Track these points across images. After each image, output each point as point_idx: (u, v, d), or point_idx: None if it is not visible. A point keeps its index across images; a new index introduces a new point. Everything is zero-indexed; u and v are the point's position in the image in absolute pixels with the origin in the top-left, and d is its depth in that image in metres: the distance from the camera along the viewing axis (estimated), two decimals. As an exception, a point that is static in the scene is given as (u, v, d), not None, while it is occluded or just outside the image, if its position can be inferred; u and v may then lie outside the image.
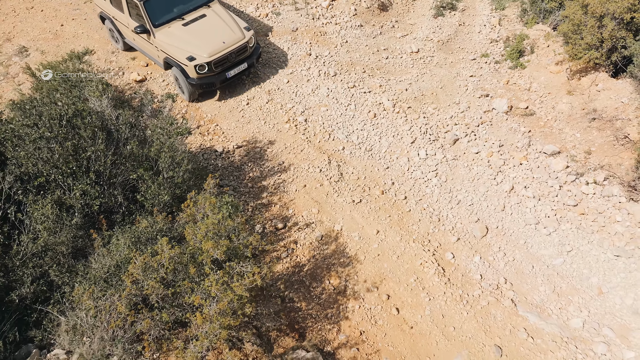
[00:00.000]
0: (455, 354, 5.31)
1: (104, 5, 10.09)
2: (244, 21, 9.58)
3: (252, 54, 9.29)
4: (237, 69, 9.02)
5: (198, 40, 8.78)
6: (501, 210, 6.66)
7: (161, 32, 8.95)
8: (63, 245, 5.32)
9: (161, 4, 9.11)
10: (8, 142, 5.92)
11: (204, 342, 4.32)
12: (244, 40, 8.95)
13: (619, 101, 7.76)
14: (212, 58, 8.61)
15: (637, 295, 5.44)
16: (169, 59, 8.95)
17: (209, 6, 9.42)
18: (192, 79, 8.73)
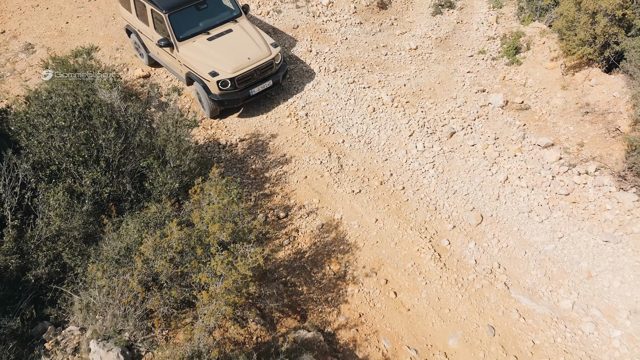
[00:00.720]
0: (450, 333, 5.59)
1: (130, 19, 10.00)
2: (271, 37, 9.47)
3: (278, 71, 9.05)
4: (262, 86, 8.78)
5: (222, 55, 8.56)
6: (496, 200, 6.95)
7: (185, 46, 8.77)
8: (75, 231, 5.60)
9: (187, 18, 8.96)
10: (22, 131, 6.20)
11: (211, 319, 4.61)
12: (269, 56, 8.70)
13: (611, 95, 8.06)
14: (235, 74, 8.39)
15: (624, 278, 5.72)
16: (192, 74, 8.76)
17: (236, 21, 9.25)
18: (214, 95, 8.51)
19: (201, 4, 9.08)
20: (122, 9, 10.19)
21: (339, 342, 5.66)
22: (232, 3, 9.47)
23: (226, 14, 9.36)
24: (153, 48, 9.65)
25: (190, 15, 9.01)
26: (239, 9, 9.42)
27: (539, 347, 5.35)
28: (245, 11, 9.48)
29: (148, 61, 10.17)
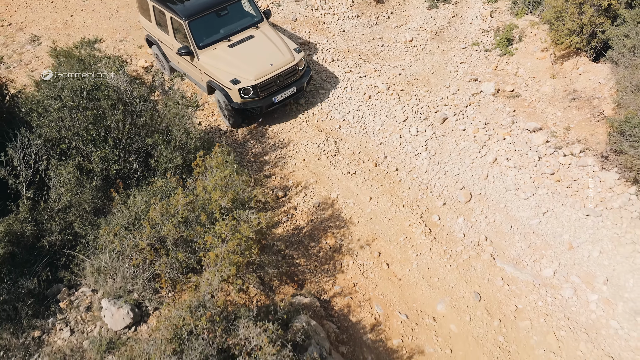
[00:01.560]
0: (439, 300, 6.03)
1: (150, 28, 9.96)
2: (294, 42, 9.37)
3: (302, 77, 8.91)
4: (285, 93, 8.65)
5: (244, 62, 8.43)
6: (484, 179, 7.40)
7: (205, 54, 8.68)
8: (85, 203, 6.03)
9: (207, 25, 8.85)
10: (34, 112, 6.64)
11: (215, 278, 5.04)
12: (293, 62, 8.58)
13: (596, 82, 8.51)
14: (258, 81, 8.28)
15: (602, 249, 6.16)
16: (212, 82, 8.68)
17: (258, 27, 9.17)
18: (236, 104, 8.41)
19: (222, 11, 8.98)
20: (142, 19, 10.18)
21: (334, 308, 6.09)
22: (254, 9, 9.42)
23: (247, 20, 9.26)
24: (173, 57, 9.56)
25: (210, 22, 8.90)
26: (261, 15, 9.36)
27: (521, 311, 5.78)
28: (267, 16, 9.41)
29: (169, 71, 10.14)
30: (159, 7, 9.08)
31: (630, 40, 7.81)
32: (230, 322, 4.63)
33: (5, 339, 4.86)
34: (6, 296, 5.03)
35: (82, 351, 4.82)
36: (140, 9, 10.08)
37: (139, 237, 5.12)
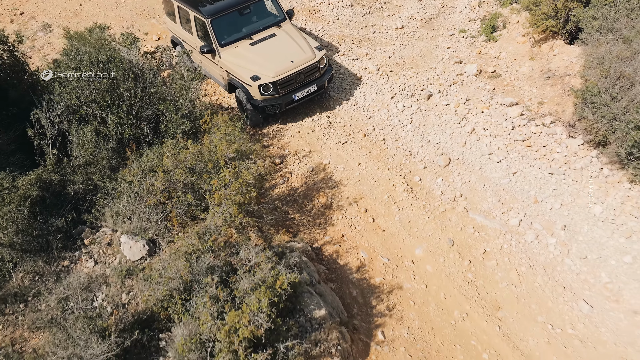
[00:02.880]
0: (417, 246, 6.97)
1: (174, 29, 10.41)
2: (315, 40, 9.66)
3: (323, 75, 9.13)
4: (306, 90, 8.87)
5: (264, 59, 8.70)
6: (462, 146, 8.35)
7: (227, 52, 8.96)
8: (103, 160, 6.98)
9: (229, 23, 9.15)
10: (56, 82, 7.60)
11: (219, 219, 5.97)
12: (314, 60, 8.79)
13: (569, 61, 9.49)
14: (278, 78, 8.51)
15: (563, 202, 7.10)
16: (233, 80, 8.96)
17: (280, 26, 9.44)
18: (256, 101, 8.67)
19: (244, 9, 9.30)
20: (167, 21, 10.69)
21: (324, 253, 7.04)
22: (277, 8, 9.74)
23: (270, 19, 9.58)
24: (196, 57, 9.92)
25: (232, 20, 9.21)
26: (283, 14, 9.68)
27: (488, 253, 6.72)
28: (290, 16, 9.73)
29: None
30: (184, 7, 9.54)
31: (597, 22, 8.78)
32: (233, 248, 5.57)
33: (39, 266, 5.80)
34: (39, 231, 5.97)
35: (105, 277, 5.76)
36: (165, 10, 10.62)
37: (154, 179, 6.07)
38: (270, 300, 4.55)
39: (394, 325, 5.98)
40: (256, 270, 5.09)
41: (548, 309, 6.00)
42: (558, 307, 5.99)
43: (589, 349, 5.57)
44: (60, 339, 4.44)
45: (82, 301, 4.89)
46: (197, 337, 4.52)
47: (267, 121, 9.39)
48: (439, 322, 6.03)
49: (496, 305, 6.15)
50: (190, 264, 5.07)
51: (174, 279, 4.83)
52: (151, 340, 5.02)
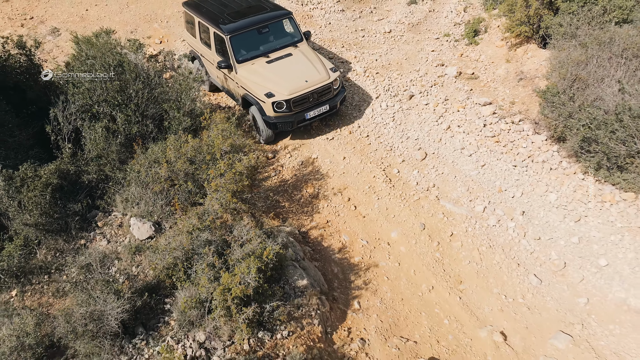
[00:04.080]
0: (393, 230, 7.97)
1: (193, 44, 11.04)
2: (330, 62, 10.18)
3: (336, 95, 9.54)
4: (318, 110, 9.29)
5: (279, 77, 9.11)
6: (438, 142, 9.37)
7: (243, 68, 9.40)
8: (113, 154, 8.00)
9: (247, 41, 9.63)
10: (70, 84, 8.63)
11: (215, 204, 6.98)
12: (327, 80, 9.21)
13: (539, 64, 10.50)
14: (291, 96, 8.92)
15: (523, 190, 8.10)
16: (248, 96, 9.37)
17: (297, 46, 9.95)
18: (269, 117, 9.09)
19: (263, 28, 9.82)
20: (186, 35, 11.37)
21: (310, 237, 8.05)
22: (294, 28, 10.26)
23: (287, 39, 10.09)
24: (213, 72, 10.51)
25: (251, 38, 9.69)
26: (301, 35, 10.18)
27: (455, 235, 7.73)
28: (307, 37, 10.22)
29: (209, 87, 11.28)
30: (204, 22, 10.15)
31: (562, 28, 9.80)
32: (228, 228, 6.59)
33: (60, 244, 6.83)
34: (59, 214, 6.99)
35: (117, 253, 6.77)
36: (186, 26, 11.31)
37: (159, 169, 7.09)
38: (258, 267, 5.55)
39: (369, 297, 6.99)
40: (247, 244, 6.10)
41: (503, 282, 7.01)
42: (512, 281, 7.00)
43: (535, 314, 6.58)
44: (83, 299, 5.45)
45: (101, 267, 5.91)
46: (197, 297, 5.54)
47: (278, 137, 9.95)
48: (409, 294, 7.04)
49: (459, 279, 7.16)
50: (191, 238, 6.08)
51: (177, 249, 5.84)
52: (158, 303, 6.03)
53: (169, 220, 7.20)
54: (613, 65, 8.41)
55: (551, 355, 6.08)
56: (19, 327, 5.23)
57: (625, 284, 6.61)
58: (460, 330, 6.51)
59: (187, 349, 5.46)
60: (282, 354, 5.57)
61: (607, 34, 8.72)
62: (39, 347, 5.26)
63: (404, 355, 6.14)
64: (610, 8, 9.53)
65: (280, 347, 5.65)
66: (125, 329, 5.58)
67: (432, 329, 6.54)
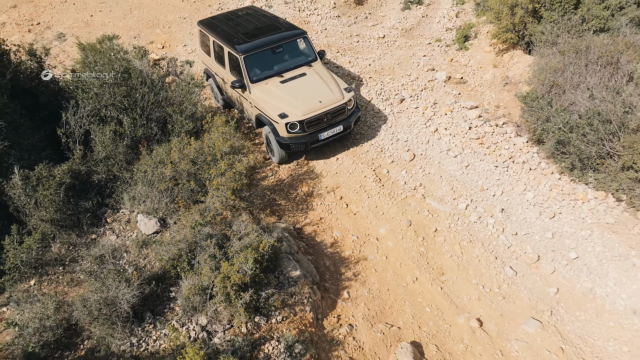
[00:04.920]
0: (381, 226, 8.65)
1: (208, 62, 11.32)
2: (344, 82, 10.31)
3: (350, 116, 9.64)
4: (332, 130, 9.38)
5: (293, 98, 9.19)
6: (426, 143, 10.05)
7: (257, 88, 9.53)
8: (120, 155, 8.68)
9: (261, 60, 9.78)
10: (79, 89, 9.32)
11: (216, 201, 7.66)
12: (341, 101, 9.30)
13: (523, 69, 11.18)
14: (305, 117, 8.99)
15: (503, 189, 8.78)
16: (261, 116, 9.46)
17: (311, 65, 10.06)
18: (282, 138, 9.14)
19: (277, 48, 9.98)
20: (201, 53, 11.68)
21: (304, 232, 8.73)
22: (308, 48, 10.38)
23: (301, 59, 10.19)
24: (228, 90, 10.74)
25: (265, 58, 9.83)
26: (315, 54, 10.32)
27: (439, 231, 8.41)
28: (321, 56, 10.39)
29: (223, 104, 11.59)
30: (219, 42, 10.39)
31: (544, 36, 10.48)
32: (228, 224, 7.28)
33: (73, 238, 7.51)
34: (72, 211, 7.68)
35: (125, 246, 7.46)
36: (201, 44, 11.63)
37: (164, 169, 7.77)
38: (254, 258, 6.23)
39: (358, 287, 7.67)
40: (245, 238, 6.78)
41: (481, 274, 7.69)
42: (489, 272, 7.67)
43: (509, 303, 7.25)
44: (97, 286, 6.14)
45: (113, 258, 6.60)
46: (200, 285, 6.22)
47: (292, 158, 10.08)
48: (394, 284, 7.71)
49: (441, 271, 7.84)
50: (194, 232, 6.77)
51: (181, 242, 6.53)
52: (164, 291, 6.72)
53: (173, 216, 7.88)
54: (589, 72, 9.09)
55: (522, 339, 6.76)
56: (40, 311, 5.92)
57: (592, 275, 7.28)
58: (440, 317, 7.19)
59: (190, 332, 6.14)
60: (276, 336, 6.25)
61: (584, 43, 9.39)
62: (59, 328, 5.95)
63: (387, 339, 6.82)
64: (588, 17, 10.21)
65: (275, 330, 6.33)
66: (134, 314, 6.26)
67: (415, 316, 7.22)
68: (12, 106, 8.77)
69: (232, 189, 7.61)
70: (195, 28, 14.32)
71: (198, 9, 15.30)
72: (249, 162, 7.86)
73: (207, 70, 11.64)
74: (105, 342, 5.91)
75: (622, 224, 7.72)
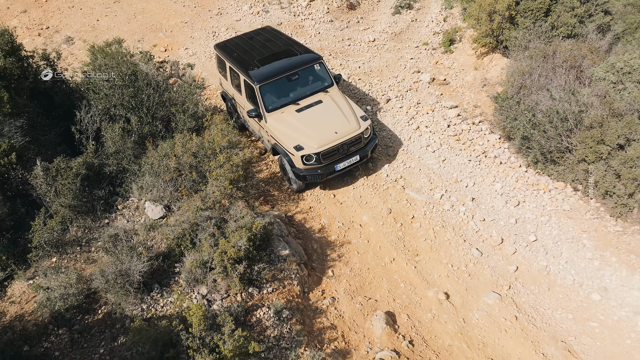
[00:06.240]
0: (365, 214, 9.79)
1: (225, 85, 11.72)
2: (361, 109, 10.21)
3: (367, 145, 9.65)
4: (348, 161, 9.42)
5: (309, 128, 9.21)
6: (408, 140, 11.21)
7: (272, 117, 9.60)
8: (128, 150, 9.85)
9: (277, 89, 9.86)
10: (90, 91, 10.49)
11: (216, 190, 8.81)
12: (358, 131, 9.29)
13: (500, 71, 12.33)
14: (321, 149, 8.99)
15: (475, 181, 9.92)
16: (277, 146, 9.56)
17: (327, 92, 10.03)
18: (298, 169, 9.25)
19: (293, 75, 10.05)
20: (219, 75, 12.04)
21: (295, 220, 9.89)
22: (325, 73, 10.39)
23: (317, 85, 10.19)
24: (245, 115, 10.87)
25: (281, 86, 9.89)
26: (331, 79, 10.32)
27: (415, 218, 9.56)
28: (337, 81, 10.37)
29: (239, 127, 11.50)
30: (235, 68, 10.61)
31: (518, 41, 11.63)
32: (225, 209, 8.44)
33: (88, 222, 8.67)
34: (87, 199, 8.84)
35: (134, 230, 8.61)
36: (218, 66, 11.98)
37: (168, 162, 8.94)
38: (248, 236, 7.38)
39: (341, 267, 8.82)
40: (240, 220, 7.94)
41: (451, 255, 8.83)
42: (458, 253, 8.81)
43: (474, 279, 8.40)
44: (112, 261, 7.29)
45: (126, 236, 7.77)
46: (201, 260, 7.37)
47: (311, 185, 10.28)
48: (374, 264, 8.86)
49: (415, 252, 8.99)
50: (196, 215, 7.93)
51: (185, 222, 7.69)
52: (169, 267, 7.87)
53: (177, 203, 9.04)
54: (556, 75, 10.24)
55: (482, 309, 7.90)
56: (64, 280, 7.08)
57: (548, 255, 8.43)
58: (412, 292, 8.33)
59: (193, 300, 7.29)
60: (267, 304, 7.40)
61: (551, 48, 10.55)
62: (80, 295, 7.11)
63: (365, 309, 7.97)
64: (557, 24, 11.36)
65: (266, 300, 7.48)
66: (144, 284, 7.42)
67: (391, 290, 8.36)
68: (31, 106, 9.96)
69: (229, 179, 8.75)
70: (197, 33, 15.52)
71: (198, 13, 16.48)
72: (245, 155, 9.02)
73: (223, 93, 12.00)
74: (120, 307, 7.07)
75: (576, 211, 8.86)
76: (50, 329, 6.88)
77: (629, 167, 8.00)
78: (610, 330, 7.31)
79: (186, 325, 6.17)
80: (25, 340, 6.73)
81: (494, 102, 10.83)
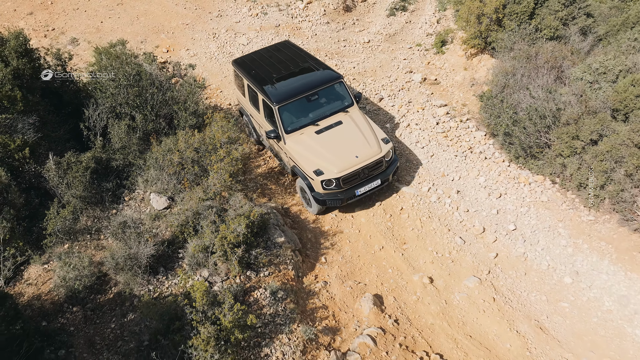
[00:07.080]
0: (357, 206, 10.56)
1: (242, 102, 11.68)
2: (382, 131, 9.94)
3: (388, 168, 9.44)
4: (369, 185, 9.30)
5: (329, 152, 9.04)
6: (399, 137, 11.98)
7: (292, 139, 9.46)
8: (134, 145, 10.62)
9: (296, 109, 9.75)
10: (97, 90, 11.27)
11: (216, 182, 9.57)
12: (379, 155, 9.13)
13: (487, 71, 13.11)
14: (341, 174, 8.88)
15: (461, 175, 10.69)
16: (296, 168, 9.48)
17: (347, 111, 9.91)
18: (318, 194, 9.18)
19: (312, 95, 9.92)
20: (237, 91, 12.01)
21: (291, 211, 10.66)
22: (344, 91, 10.27)
23: (337, 105, 10.04)
24: (263, 134, 10.80)
25: (300, 107, 9.75)
26: (351, 98, 10.19)
27: (404, 209, 10.32)
28: (358, 100, 10.23)
29: (256, 141, 11.77)
30: (253, 87, 10.53)
31: (504, 42, 12.41)
32: (225, 200, 9.21)
33: (97, 212, 9.45)
34: (96, 190, 9.61)
35: (140, 219, 9.39)
36: (236, 83, 11.92)
37: (172, 156, 9.71)
38: (246, 223, 8.15)
39: (334, 254, 9.58)
40: (239, 209, 8.70)
41: (436, 243, 9.59)
42: (443, 242, 9.58)
43: (456, 265, 9.16)
44: (121, 246, 8.06)
45: (133, 224, 8.54)
46: (202, 244, 8.14)
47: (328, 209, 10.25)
48: (364, 252, 9.62)
49: (403, 241, 9.75)
50: (198, 204, 8.70)
51: (188, 210, 8.47)
52: (174, 252, 8.64)
53: (180, 195, 9.81)
54: (538, 75, 11.01)
55: (463, 291, 8.66)
56: (78, 263, 7.85)
57: (526, 243, 9.19)
58: (399, 276, 9.10)
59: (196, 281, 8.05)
60: (263, 286, 8.16)
61: (534, 49, 11.32)
62: (92, 277, 7.88)
63: (355, 292, 8.73)
64: (541, 27, 12.14)
65: (263, 282, 8.25)
66: (151, 267, 8.19)
67: (379, 275, 9.13)
68: (42, 104, 10.74)
69: (229, 172, 9.52)
70: (197, 35, 16.31)
71: (199, 15, 17.26)
72: (243, 150, 9.79)
73: (241, 109, 12.04)
74: (129, 287, 7.84)
75: (553, 202, 9.63)
76: (65, 307, 7.65)
77: (600, 160, 8.76)
78: (579, 309, 8.08)
79: (190, 300, 6.93)
80: (43, 317, 7.50)
81: (479, 101, 11.59)
